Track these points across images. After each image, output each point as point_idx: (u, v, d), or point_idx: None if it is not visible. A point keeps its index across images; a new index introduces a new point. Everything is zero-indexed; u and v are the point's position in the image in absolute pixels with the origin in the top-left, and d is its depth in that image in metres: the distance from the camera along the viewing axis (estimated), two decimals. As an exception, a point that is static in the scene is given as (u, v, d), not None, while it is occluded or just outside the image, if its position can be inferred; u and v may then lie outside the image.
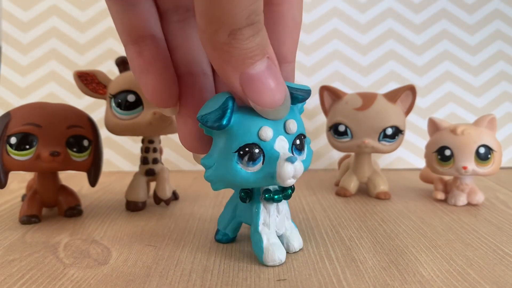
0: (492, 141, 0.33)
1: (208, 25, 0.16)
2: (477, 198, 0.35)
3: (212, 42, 0.17)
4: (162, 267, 0.22)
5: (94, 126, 0.32)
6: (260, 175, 0.20)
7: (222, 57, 0.17)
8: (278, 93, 0.19)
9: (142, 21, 0.21)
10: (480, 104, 0.56)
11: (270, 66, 0.18)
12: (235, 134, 0.20)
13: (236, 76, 0.18)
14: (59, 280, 0.21)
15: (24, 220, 0.30)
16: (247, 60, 0.17)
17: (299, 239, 0.24)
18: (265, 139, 0.20)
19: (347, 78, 0.56)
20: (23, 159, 0.28)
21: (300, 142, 0.22)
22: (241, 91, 0.18)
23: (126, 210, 0.34)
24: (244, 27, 0.16)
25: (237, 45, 0.17)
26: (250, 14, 0.16)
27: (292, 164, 0.20)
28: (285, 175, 0.20)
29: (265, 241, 0.22)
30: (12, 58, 0.54)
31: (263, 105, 0.19)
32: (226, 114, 0.20)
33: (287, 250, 0.24)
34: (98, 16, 0.55)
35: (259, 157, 0.20)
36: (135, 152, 0.54)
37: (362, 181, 0.39)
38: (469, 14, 0.57)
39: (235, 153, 0.20)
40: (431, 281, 0.20)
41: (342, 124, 0.37)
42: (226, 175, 0.21)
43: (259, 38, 0.17)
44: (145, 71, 0.21)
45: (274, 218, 0.23)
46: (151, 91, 0.21)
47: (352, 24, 0.56)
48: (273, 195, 0.22)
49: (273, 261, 0.22)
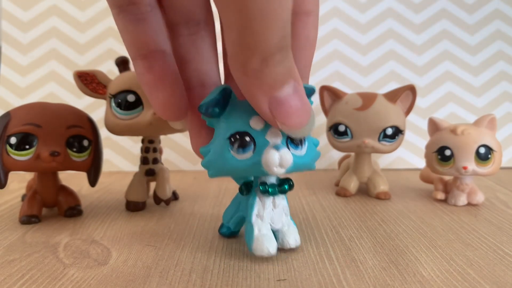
0: (492, 141, 0.33)
1: (241, 53, 0.17)
2: (477, 198, 0.35)
3: (244, 69, 0.17)
4: (162, 267, 0.22)
5: (94, 126, 0.32)
6: (249, 162, 0.21)
7: (253, 83, 0.18)
8: (304, 114, 0.19)
9: (151, 36, 0.21)
10: (480, 104, 0.56)
11: (296, 88, 0.18)
12: (229, 122, 0.21)
13: (265, 100, 0.18)
14: (59, 280, 0.21)
15: (24, 220, 0.30)
16: (276, 84, 0.18)
17: (295, 236, 0.24)
18: (255, 127, 0.21)
19: (347, 78, 0.56)
20: (23, 159, 0.28)
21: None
22: (269, 114, 0.19)
23: (126, 210, 0.34)
24: (276, 53, 0.17)
25: (268, 71, 0.17)
26: (281, 39, 0.16)
27: (278, 151, 0.20)
28: (269, 161, 0.20)
29: (256, 232, 0.23)
30: (12, 58, 0.54)
31: (291, 127, 0.19)
32: (219, 101, 0.21)
33: (281, 246, 0.23)
34: (98, 16, 0.55)
35: (250, 145, 0.21)
36: (135, 152, 0.54)
37: (362, 181, 0.39)
38: (469, 14, 0.57)
39: (227, 140, 0.21)
40: (431, 281, 0.20)
41: (342, 124, 0.37)
42: (218, 161, 0.21)
43: (288, 62, 0.17)
44: (155, 86, 0.21)
45: (269, 211, 0.23)
46: (161, 106, 0.22)
47: (352, 24, 0.56)
48: (268, 188, 0.23)
49: (261, 251, 0.22)
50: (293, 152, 0.21)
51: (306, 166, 0.22)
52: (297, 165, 0.21)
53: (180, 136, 0.54)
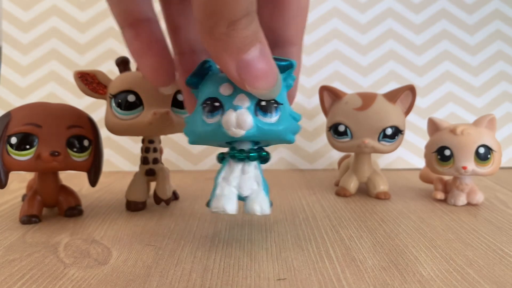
0: (492, 141, 0.33)
1: (207, 17, 0.17)
2: (477, 198, 0.35)
3: (211, 33, 0.18)
4: (162, 267, 0.22)
5: (94, 126, 0.32)
6: (215, 125, 0.22)
7: (220, 46, 0.18)
8: (271, 75, 0.20)
9: (137, 4, 0.22)
10: (480, 104, 0.56)
11: (263, 51, 0.19)
12: (202, 91, 0.23)
13: (233, 63, 0.19)
14: (59, 280, 0.21)
15: (24, 220, 0.30)
16: (243, 47, 0.18)
17: (262, 204, 0.23)
18: (224, 93, 0.22)
19: (347, 78, 0.56)
20: (23, 159, 0.28)
21: (268, 104, 0.22)
22: (237, 77, 0.19)
23: (126, 210, 0.34)
24: (242, 17, 0.17)
25: (234, 34, 0.18)
26: (248, 5, 0.17)
27: (235, 112, 0.21)
28: (226, 121, 0.21)
29: (218, 191, 0.23)
30: (12, 58, 0.54)
31: (259, 88, 0.20)
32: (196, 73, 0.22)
33: (248, 212, 0.23)
34: (98, 16, 0.55)
35: (218, 109, 0.22)
36: (135, 152, 0.54)
37: (362, 181, 0.39)
38: (469, 14, 0.57)
39: (200, 106, 0.22)
40: (431, 281, 0.20)
41: (342, 124, 0.37)
42: (193, 126, 0.23)
43: (254, 26, 0.18)
44: (143, 53, 0.22)
45: (236, 175, 0.24)
46: (150, 72, 0.23)
47: (352, 24, 0.57)
48: (236, 153, 0.23)
49: (217, 207, 0.23)
50: (261, 119, 0.22)
51: (276, 134, 0.22)
52: (263, 131, 0.22)
53: (180, 136, 0.54)
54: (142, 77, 0.31)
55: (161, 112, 0.30)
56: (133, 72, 0.32)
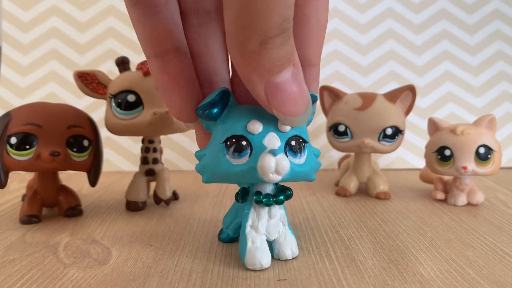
0: (492, 141, 0.33)
1: (239, 31, 0.16)
2: (477, 198, 0.35)
3: (242, 49, 0.16)
4: (162, 267, 0.22)
5: (94, 126, 0.32)
6: (244, 167, 0.20)
7: (250, 65, 0.17)
8: (301, 101, 0.18)
9: (166, 31, 0.20)
10: (480, 104, 0.56)
11: (295, 74, 0.18)
12: (225, 126, 0.20)
13: (261, 84, 0.17)
14: (59, 280, 0.21)
15: (24, 220, 0.30)
16: (274, 68, 0.17)
17: (292, 247, 0.23)
18: (252, 132, 0.20)
19: (347, 78, 0.56)
20: (23, 159, 0.28)
21: (297, 144, 0.21)
22: (265, 100, 0.18)
23: (126, 210, 0.34)
24: (276, 35, 0.16)
25: (267, 54, 0.16)
26: (283, 21, 0.16)
27: (274, 157, 0.19)
28: (265, 167, 0.19)
29: (249, 244, 0.22)
30: (12, 58, 0.54)
31: (287, 114, 0.18)
32: (215, 105, 0.20)
33: (278, 257, 0.23)
34: (98, 16, 0.55)
35: (246, 149, 0.20)
36: (135, 152, 0.54)
37: (362, 181, 0.39)
38: (469, 14, 0.57)
39: (222, 144, 0.20)
40: (431, 281, 0.20)
41: (342, 124, 0.37)
42: (213, 166, 0.21)
43: (288, 47, 0.17)
44: (169, 89, 0.21)
45: (264, 222, 0.22)
46: (177, 110, 0.21)
47: (352, 24, 0.57)
48: (262, 198, 0.22)
49: (253, 265, 0.21)
50: (291, 160, 0.20)
51: (304, 176, 0.21)
52: (294, 173, 0.20)
53: (180, 136, 0.54)
54: (142, 77, 0.31)
55: (161, 112, 0.30)
56: (133, 72, 0.32)
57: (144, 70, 0.31)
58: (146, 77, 0.31)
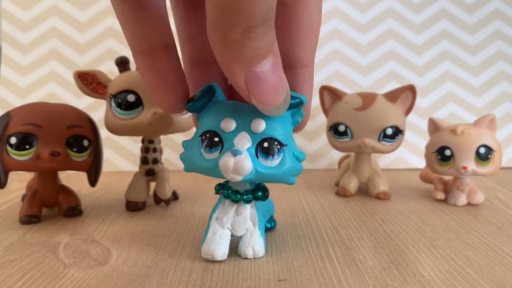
0: (492, 141, 0.33)
1: (221, 19, 0.15)
2: (477, 198, 0.35)
3: (223, 38, 0.16)
4: (162, 267, 0.22)
5: (94, 126, 0.32)
6: (211, 163, 0.20)
7: (231, 54, 0.16)
8: (281, 90, 0.18)
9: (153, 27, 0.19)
10: (480, 104, 0.56)
11: (275, 64, 0.18)
12: (203, 120, 0.21)
13: (242, 74, 0.17)
14: (59, 280, 0.21)
15: (24, 220, 0.30)
16: (255, 58, 0.17)
17: (255, 247, 0.23)
18: (224, 129, 0.20)
19: (347, 78, 0.56)
20: (23, 159, 0.28)
21: (270, 146, 0.20)
22: (244, 89, 0.18)
23: (126, 210, 0.34)
24: (259, 25, 0.16)
25: (248, 44, 0.16)
26: (267, 10, 0.15)
27: (234, 157, 0.19)
28: (223, 166, 0.20)
29: (209, 234, 0.23)
30: (12, 58, 0.54)
31: (266, 103, 0.18)
32: (198, 99, 0.21)
33: (239, 254, 0.23)
34: (98, 16, 0.55)
35: (217, 146, 0.21)
36: (135, 152, 0.54)
37: (362, 181, 0.39)
38: (469, 14, 0.57)
39: (199, 137, 0.21)
40: (431, 281, 0.20)
41: (342, 124, 0.37)
42: (190, 156, 0.22)
43: (269, 36, 0.17)
44: (157, 87, 0.20)
45: (230, 216, 0.23)
46: (166, 106, 0.21)
47: (352, 24, 0.56)
48: (231, 194, 0.22)
49: (206, 254, 0.22)
50: (261, 162, 0.20)
51: (277, 178, 0.21)
52: (262, 175, 0.20)
53: (180, 136, 0.54)
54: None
55: (161, 112, 0.30)
56: (133, 72, 0.32)
57: (144, 70, 0.31)
58: (146, 77, 0.31)
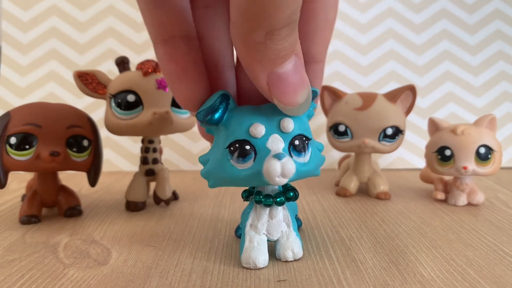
0: (492, 141, 0.33)
1: (245, 22, 0.16)
2: (477, 198, 0.35)
3: (246, 39, 0.16)
4: (162, 267, 0.22)
5: (94, 126, 0.32)
6: (249, 172, 0.20)
7: (254, 56, 0.17)
8: (302, 91, 0.18)
9: (175, 18, 0.19)
10: (480, 104, 0.56)
11: (297, 64, 0.18)
12: (228, 131, 0.20)
13: (264, 74, 0.17)
14: (59, 280, 0.21)
15: (24, 220, 0.30)
16: (278, 59, 0.17)
17: (294, 249, 0.23)
18: (255, 135, 0.20)
19: (347, 78, 0.56)
20: (23, 159, 0.28)
21: (301, 143, 0.20)
22: (267, 90, 0.18)
23: (126, 210, 0.34)
24: (283, 27, 0.16)
25: (271, 45, 0.16)
26: (291, 14, 0.15)
27: (279, 161, 0.19)
28: (270, 172, 0.19)
29: (247, 243, 0.22)
30: (12, 58, 0.54)
31: (287, 104, 0.18)
32: (217, 110, 0.20)
33: (279, 258, 0.23)
34: (98, 16, 0.55)
35: (250, 154, 0.20)
36: (135, 152, 0.54)
37: (362, 181, 0.39)
38: (469, 14, 0.57)
39: (226, 149, 0.20)
40: (431, 281, 0.20)
41: (342, 124, 0.37)
42: (218, 171, 0.20)
43: (293, 38, 0.17)
44: (177, 78, 0.20)
45: (264, 221, 0.22)
46: (184, 99, 0.21)
47: (352, 24, 0.56)
48: (262, 198, 0.22)
49: (247, 263, 0.22)
50: (295, 160, 0.20)
51: (310, 173, 0.21)
52: (300, 173, 0.20)
53: (180, 136, 0.54)
54: (142, 77, 0.31)
55: (161, 112, 0.30)
56: (133, 72, 0.32)
57: (144, 70, 0.31)
58: (146, 77, 0.31)
